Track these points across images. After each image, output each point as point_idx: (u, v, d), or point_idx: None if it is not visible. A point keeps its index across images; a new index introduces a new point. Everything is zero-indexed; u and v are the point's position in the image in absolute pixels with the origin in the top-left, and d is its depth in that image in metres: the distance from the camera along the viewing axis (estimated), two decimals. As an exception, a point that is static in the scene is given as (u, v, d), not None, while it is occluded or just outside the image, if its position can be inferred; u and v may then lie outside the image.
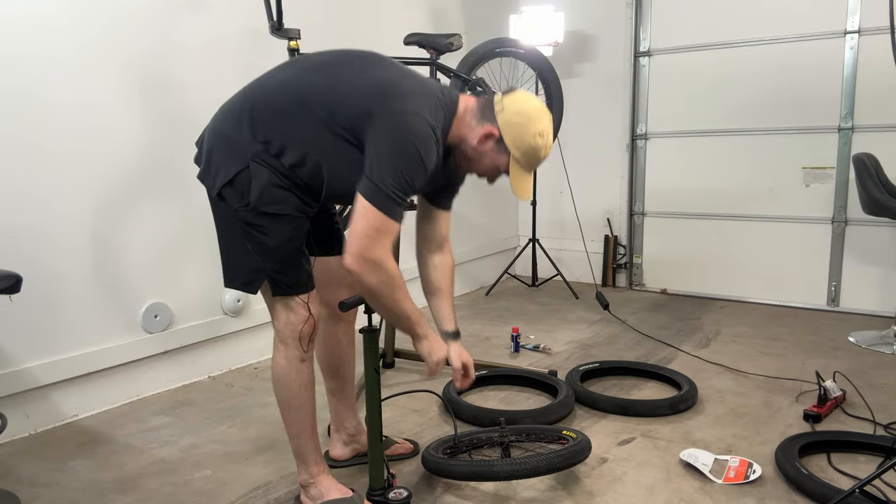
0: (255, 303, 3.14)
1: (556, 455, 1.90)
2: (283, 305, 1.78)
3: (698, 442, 2.33)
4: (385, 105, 1.62)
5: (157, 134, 2.77)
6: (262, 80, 1.79)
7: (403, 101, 1.64)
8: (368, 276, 1.61)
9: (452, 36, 2.87)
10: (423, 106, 1.65)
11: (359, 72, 1.71)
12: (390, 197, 1.58)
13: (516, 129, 1.72)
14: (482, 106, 1.76)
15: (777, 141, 4.17)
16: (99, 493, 2.04)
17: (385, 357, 3.08)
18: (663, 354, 3.27)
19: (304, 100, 1.68)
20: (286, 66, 1.83)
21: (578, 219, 4.53)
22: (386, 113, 1.62)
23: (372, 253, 1.59)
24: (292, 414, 1.85)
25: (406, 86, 1.68)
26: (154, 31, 2.73)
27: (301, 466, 1.90)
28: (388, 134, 1.60)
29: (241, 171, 1.68)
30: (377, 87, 1.66)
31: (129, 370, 2.74)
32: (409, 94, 1.66)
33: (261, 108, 1.71)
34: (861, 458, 2.18)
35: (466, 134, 1.75)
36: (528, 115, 1.73)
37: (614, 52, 4.65)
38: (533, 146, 1.73)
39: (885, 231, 3.87)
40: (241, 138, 1.70)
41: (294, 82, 1.73)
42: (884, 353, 3.24)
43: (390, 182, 1.58)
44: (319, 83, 1.71)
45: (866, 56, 3.84)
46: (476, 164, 1.79)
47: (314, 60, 1.79)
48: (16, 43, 2.34)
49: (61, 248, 2.51)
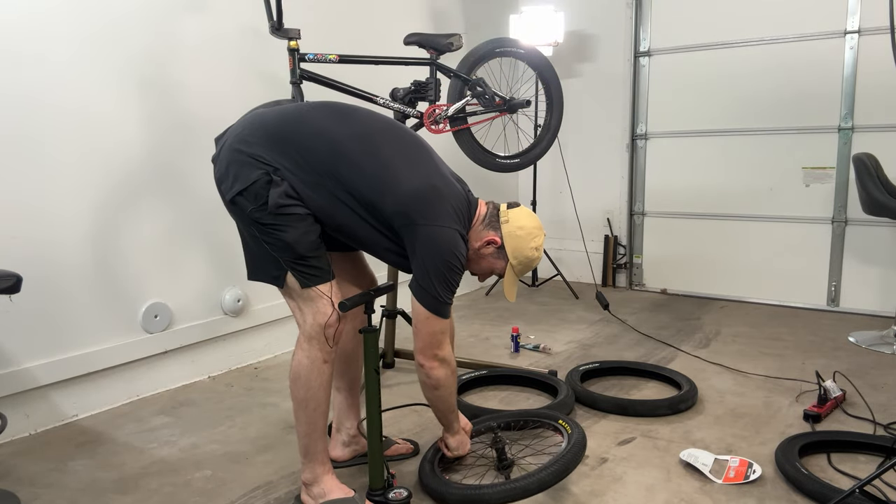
0: (255, 303, 3.14)
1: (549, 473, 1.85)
2: (310, 304, 1.79)
3: (698, 442, 2.33)
4: (426, 216, 1.77)
5: (157, 134, 2.77)
6: (305, 119, 1.81)
7: (443, 217, 1.80)
8: (438, 370, 1.88)
9: (452, 36, 2.87)
10: (458, 220, 1.84)
11: (406, 168, 1.80)
12: (445, 303, 1.82)
13: (518, 240, 1.93)
14: (490, 214, 1.95)
15: (777, 141, 4.17)
16: (99, 493, 2.04)
17: (385, 357, 3.08)
18: (663, 354, 3.27)
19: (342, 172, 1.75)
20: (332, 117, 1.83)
21: (578, 219, 4.53)
22: (427, 225, 1.77)
23: (441, 351, 1.87)
24: (307, 413, 1.85)
25: (444, 193, 1.82)
26: (154, 31, 2.73)
27: (307, 464, 1.90)
28: (433, 249, 1.78)
29: (258, 180, 1.71)
30: (420, 194, 1.78)
31: (129, 370, 2.74)
32: (447, 208, 1.81)
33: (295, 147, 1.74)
34: (861, 458, 2.17)
35: (473, 237, 1.93)
36: (529, 231, 1.94)
37: (614, 52, 4.65)
38: (529, 258, 1.96)
39: (885, 231, 3.87)
40: (266, 157, 1.73)
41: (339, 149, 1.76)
42: (884, 353, 3.24)
43: (442, 292, 1.80)
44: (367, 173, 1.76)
45: (866, 56, 3.84)
46: (472, 265, 1.96)
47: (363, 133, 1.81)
48: (15, 42, 2.34)
49: (61, 248, 2.51)
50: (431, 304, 1.81)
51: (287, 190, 1.72)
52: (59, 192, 2.49)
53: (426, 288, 1.79)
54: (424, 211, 1.77)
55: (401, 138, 1.88)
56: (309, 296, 1.79)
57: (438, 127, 2.86)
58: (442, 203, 1.80)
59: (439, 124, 2.85)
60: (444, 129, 2.87)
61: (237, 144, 1.76)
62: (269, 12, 2.58)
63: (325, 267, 1.80)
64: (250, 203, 1.72)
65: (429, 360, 1.87)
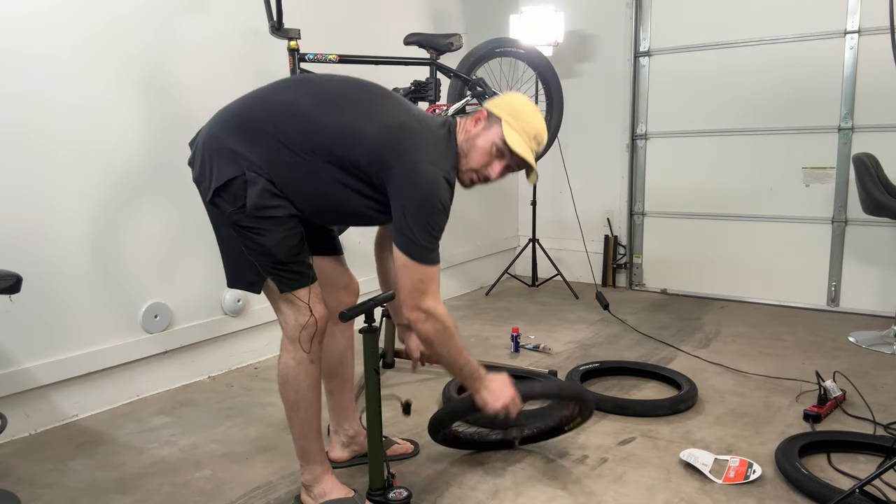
0: (255, 303, 3.14)
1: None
2: (291, 305, 1.77)
3: (698, 442, 2.33)
4: (401, 156, 1.67)
5: (157, 133, 2.77)
6: (266, 100, 1.76)
7: (416, 153, 1.68)
8: (423, 324, 1.74)
9: (452, 36, 2.87)
10: (434, 153, 1.72)
11: (370, 114, 1.72)
12: (425, 248, 1.68)
13: (505, 103, 1.82)
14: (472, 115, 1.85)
15: (777, 141, 4.17)
16: (99, 493, 2.04)
17: (385, 357, 3.08)
18: (663, 354, 3.27)
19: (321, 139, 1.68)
20: (290, 88, 1.81)
21: (578, 219, 4.53)
22: (403, 164, 1.67)
23: (424, 303, 1.72)
24: (300, 415, 1.85)
25: (415, 129, 1.72)
26: (154, 31, 2.73)
27: (305, 466, 1.90)
28: (411, 189, 1.67)
29: (236, 177, 1.67)
30: (390, 135, 1.69)
31: (129, 370, 2.74)
32: (422, 142, 1.71)
33: (266, 128, 1.69)
34: (861, 458, 2.17)
35: (462, 150, 1.80)
36: (516, 97, 1.85)
37: (614, 52, 4.65)
38: (523, 110, 1.80)
39: (885, 231, 3.87)
40: (241, 150, 1.68)
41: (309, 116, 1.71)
42: (884, 353, 3.24)
43: (422, 235, 1.67)
44: (334, 126, 1.70)
45: (866, 56, 3.84)
46: (471, 161, 1.79)
47: (321, 90, 1.77)
48: (15, 42, 2.34)
49: (61, 248, 2.51)
50: (407, 247, 1.68)
51: (265, 186, 1.67)
52: (59, 192, 2.49)
53: (401, 230, 1.68)
54: (396, 150, 1.67)
55: (364, 88, 1.80)
56: (288, 298, 1.77)
57: (438, 127, 2.85)
58: (413, 138, 1.70)
59: (439, 124, 2.85)
60: (444, 129, 2.87)
61: (209, 141, 1.73)
62: (269, 12, 2.58)
63: (305, 271, 1.77)
64: (229, 205, 1.69)
65: (411, 312, 1.73)
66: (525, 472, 2.13)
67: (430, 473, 2.13)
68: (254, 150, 1.68)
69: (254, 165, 1.67)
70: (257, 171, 1.67)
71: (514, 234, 5.20)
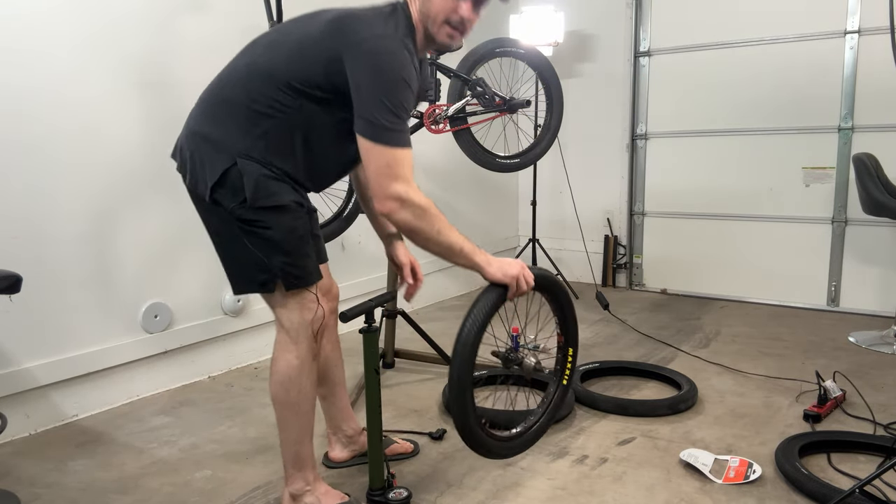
0: (255, 303, 3.14)
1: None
2: (298, 302, 1.73)
3: (698, 442, 2.33)
4: (347, 39, 1.56)
5: (157, 133, 2.76)
6: (226, 73, 1.75)
7: (364, 27, 1.57)
8: (398, 214, 1.57)
9: (452, 36, 2.87)
10: (383, 26, 1.59)
11: (309, 25, 1.65)
12: (387, 128, 1.54)
13: None
14: None
15: (777, 141, 4.17)
16: (99, 493, 2.04)
17: (385, 357, 3.08)
18: (663, 354, 3.27)
19: (274, 76, 1.63)
20: (245, 52, 1.77)
21: (578, 219, 4.53)
22: (352, 45, 1.55)
23: (394, 189, 1.55)
24: (299, 418, 1.80)
25: (357, 14, 1.61)
26: (153, 30, 2.73)
27: (296, 474, 1.83)
28: (363, 64, 1.54)
29: (229, 168, 1.63)
30: (332, 27, 1.60)
31: (129, 370, 2.74)
32: (366, 19, 1.60)
33: (232, 98, 1.67)
34: (861, 458, 2.18)
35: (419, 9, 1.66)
36: None
37: (614, 52, 4.65)
38: None
39: (885, 231, 3.87)
40: (222, 135, 1.65)
41: (259, 63, 1.67)
42: (884, 353, 3.24)
43: (382, 113, 1.53)
44: (282, 55, 1.65)
45: (866, 56, 3.83)
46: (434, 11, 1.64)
47: (269, 36, 1.75)
48: (15, 41, 2.34)
49: (61, 248, 2.51)
50: (368, 129, 1.55)
51: (261, 171, 1.62)
52: (59, 192, 2.49)
53: (360, 113, 1.55)
54: (342, 38, 1.57)
55: (309, 15, 1.72)
56: (295, 295, 1.72)
57: (438, 127, 2.86)
58: (356, 22, 1.59)
59: (439, 124, 2.85)
60: (444, 129, 2.87)
61: (190, 141, 1.71)
62: (269, 12, 2.58)
63: (310, 267, 1.74)
64: (230, 200, 1.64)
65: (384, 203, 1.56)
66: (525, 472, 2.13)
67: (430, 473, 2.13)
68: (234, 131, 1.64)
69: (241, 150, 1.63)
70: (247, 155, 1.63)
71: (514, 233, 5.20)
